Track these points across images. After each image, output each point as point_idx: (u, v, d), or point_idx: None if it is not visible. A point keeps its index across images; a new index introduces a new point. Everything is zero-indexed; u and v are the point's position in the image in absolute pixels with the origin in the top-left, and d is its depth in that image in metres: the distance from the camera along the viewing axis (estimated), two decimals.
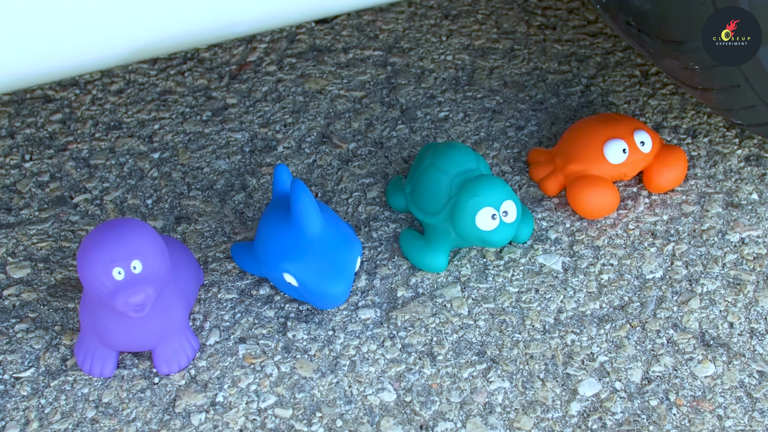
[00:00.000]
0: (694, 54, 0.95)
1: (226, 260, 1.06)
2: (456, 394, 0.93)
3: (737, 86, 0.97)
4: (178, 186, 1.16)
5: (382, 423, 0.92)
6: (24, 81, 0.75)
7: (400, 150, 1.19)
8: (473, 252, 1.06)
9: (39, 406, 0.94)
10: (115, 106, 1.28)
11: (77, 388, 0.95)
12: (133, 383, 0.95)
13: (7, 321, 1.02)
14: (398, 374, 0.95)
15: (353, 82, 1.30)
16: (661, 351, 0.96)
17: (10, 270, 1.07)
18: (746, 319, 0.99)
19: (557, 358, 0.96)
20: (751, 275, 1.03)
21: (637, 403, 0.92)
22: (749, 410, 0.91)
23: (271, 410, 0.93)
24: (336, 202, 1.13)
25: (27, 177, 1.18)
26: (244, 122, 1.24)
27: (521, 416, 0.92)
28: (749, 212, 1.09)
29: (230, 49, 1.37)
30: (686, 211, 1.10)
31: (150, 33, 0.74)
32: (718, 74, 0.97)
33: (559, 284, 1.03)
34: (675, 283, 1.02)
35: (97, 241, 0.87)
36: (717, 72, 0.97)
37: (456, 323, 1.00)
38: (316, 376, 0.95)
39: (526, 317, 1.00)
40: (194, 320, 1.01)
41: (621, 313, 1.00)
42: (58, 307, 1.03)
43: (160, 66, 1.34)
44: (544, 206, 1.11)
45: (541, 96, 1.26)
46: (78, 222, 1.12)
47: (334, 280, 0.95)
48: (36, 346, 0.99)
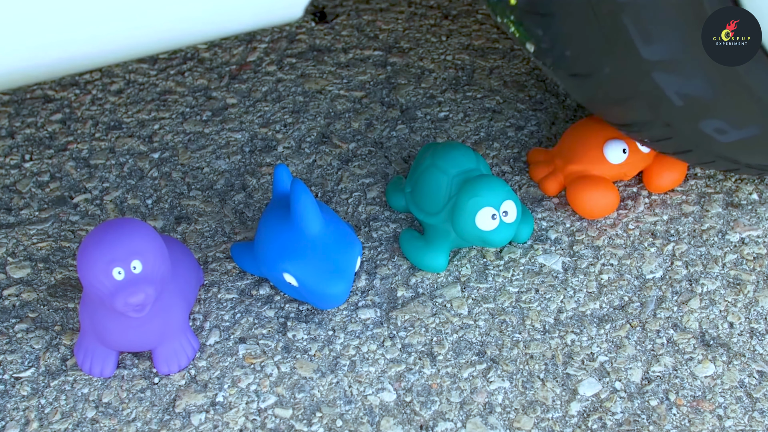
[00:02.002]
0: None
1: (226, 260, 1.06)
2: (456, 394, 0.93)
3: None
4: (178, 186, 1.16)
5: (382, 423, 0.92)
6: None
7: (400, 150, 1.19)
8: (473, 252, 1.06)
9: (39, 406, 0.94)
10: (115, 106, 1.28)
11: (77, 388, 0.95)
12: (133, 383, 0.95)
13: (7, 321, 1.02)
14: (398, 374, 0.95)
15: (353, 82, 1.30)
16: (661, 351, 0.96)
17: (10, 270, 1.07)
18: (746, 319, 0.99)
19: (557, 358, 0.96)
20: (751, 275, 1.03)
21: (637, 403, 0.92)
22: (749, 410, 0.91)
23: (271, 410, 0.93)
24: (336, 202, 1.13)
25: (27, 177, 1.18)
26: (244, 122, 1.25)
27: (521, 416, 0.92)
28: (749, 212, 1.09)
29: (230, 49, 1.37)
30: (686, 211, 1.10)
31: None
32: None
33: (559, 284, 1.03)
34: (675, 283, 1.03)
35: (97, 241, 0.87)
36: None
37: (456, 323, 1.00)
38: (316, 376, 0.95)
39: (526, 317, 1.00)
40: (194, 320, 1.01)
41: (621, 313, 1.00)
42: (58, 307, 1.03)
43: (160, 66, 1.34)
44: (544, 206, 1.11)
45: (541, 96, 1.26)
46: (78, 222, 1.12)
47: (334, 280, 0.95)
48: (36, 346, 0.99)
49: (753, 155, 1.01)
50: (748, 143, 0.98)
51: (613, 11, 0.86)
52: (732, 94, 0.93)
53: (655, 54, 0.89)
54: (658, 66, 0.90)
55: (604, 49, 0.90)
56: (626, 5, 0.86)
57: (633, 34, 0.87)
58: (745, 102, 0.94)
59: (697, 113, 0.94)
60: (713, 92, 0.92)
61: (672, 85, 0.91)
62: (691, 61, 0.90)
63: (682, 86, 0.91)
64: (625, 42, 0.88)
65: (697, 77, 0.91)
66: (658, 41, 0.88)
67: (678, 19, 0.87)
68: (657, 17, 0.87)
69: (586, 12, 0.88)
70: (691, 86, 0.91)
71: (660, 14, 0.87)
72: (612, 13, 0.87)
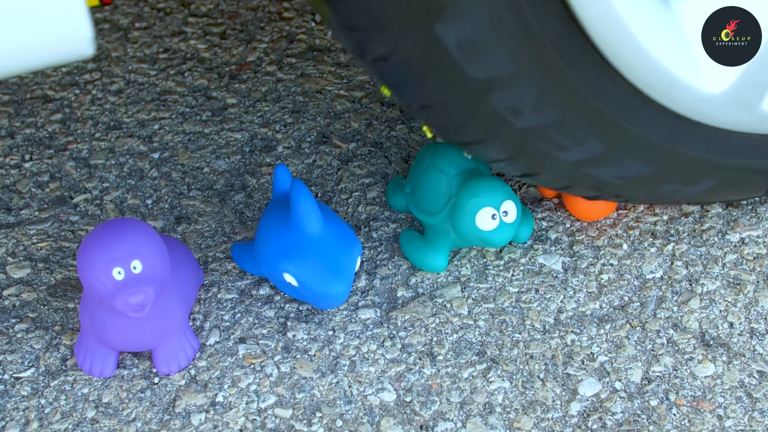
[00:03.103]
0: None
1: (226, 260, 1.06)
2: (456, 394, 0.93)
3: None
4: (178, 186, 1.16)
5: (382, 423, 0.92)
6: None
7: (400, 150, 1.19)
8: (473, 252, 1.06)
9: (39, 406, 0.94)
10: (115, 106, 1.28)
11: (77, 388, 0.95)
12: (133, 383, 0.95)
13: (7, 321, 1.02)
14: (398, 374, 0.95)
15: (353, 82, 1.30)
16: (661, 351, 0.96)
17: (10, 270, 1.07)
18: (746, 319, 0.99)
19: (557, 358, 0.96)
20: (751, 275, 1.03)
21: (637, 403, 0.92)
22: (749, 410, 0.91)
23: (271, 410, 0.93)
24: (336, 202, 1.13)
25: (27, 177, 1.18)
26: (244, 122, 1.25)
27: (521, 416, 0.92)
28: (749, 212, 1.09)
29: (230, 49, 1.37)
30: (686, 211, 1.10)
31: None
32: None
33: (559, 284, 1.03)
34: (675, 283, 1.03)
35: (97, 241, 0.87)
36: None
37: (456, 323, 1.00)
38: (316, 376, 0.95)
39: (526, 317, 1.00)
40: (194, 320, 1.01)
41: (621, 313, 1.00)
42: (58, 307, 1.03)
43: (159, 66, 1.34)
44: (544, 206, 1.11)
45: None
46: (78, 222, 1.12)
47: (334, 280, 0.95)
48: (36, 346, 0.99)
49: (603, 174, 0.95)
50: (594, 162, 0.93)
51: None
52: (573, 109, 0.88)
53: (481, 73, 0.83)
54: (494, 85, 0.85)
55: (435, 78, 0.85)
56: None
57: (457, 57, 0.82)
58: (586, 116, 0.88)
59: (540, 130, 0.89)
60: (553, 109, 0.87)
61: (504, 102, 0.86)
62: (521, 77, 0.84)
63: (514, 102, 0.86)
64: (450, 65, 0.83)
65: (528, 92, 0.86)
66: (481, 60, 0.82)
67: (500, 36, 0.81)
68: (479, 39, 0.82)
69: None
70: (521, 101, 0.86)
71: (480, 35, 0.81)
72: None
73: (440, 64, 0.83)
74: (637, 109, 0.90)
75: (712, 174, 0.98)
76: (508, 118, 0.87)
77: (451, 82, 0.84)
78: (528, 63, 0.83)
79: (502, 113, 0.86)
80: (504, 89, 0.85)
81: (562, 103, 0.87)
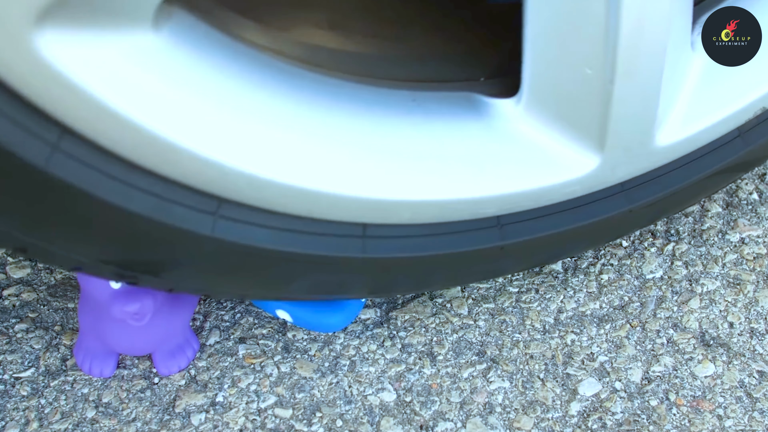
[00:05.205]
0: None
1: None
2: (456, 394, 0.93)
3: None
4: None
5: (382, 423, 0.92)
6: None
7: None
8: None
9: (39, 406, 0.94)
10: None
11: (77, 388, 0.95)
12: (133, 383, 0.95)
13: (7, 321, 1.02)
14: (398, 374, 0.95)
15: None
16: (661, 351, 0.96)
17: (10, 270, 1.07)
18: (746, 319, 0.99)
19: (557, 358, 0.96)
20: (751, 275, 1.03)
21: (637, 403, 0.92)
22: (749, 410, 0.91)
23: (271, 410, 0.93)
24: None
25: None
26: None
27: (521, 416, 0.92)
28: (749, 212, 1.09)
29: None
30: (686, 211, 1.10)
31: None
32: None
33: (559, 284, 1.03)
34: (675, 283, 1.03)
35: None
36: None
37: (456, 323, 1.00)
38: (316, 376, 0.95)
39: (526, 317, 1.00)
40: (194, 320, 1.01)
41: (621, 313, 1.00)
42: (58, 307, 1.03)
43: None
44: None
45: None
46: None
47: (330, 312, 0.95)
48: (36, 346, 0.99)
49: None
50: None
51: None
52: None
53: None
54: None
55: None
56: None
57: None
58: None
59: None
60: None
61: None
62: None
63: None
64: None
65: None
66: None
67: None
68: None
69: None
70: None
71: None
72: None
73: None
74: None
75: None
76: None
77: None
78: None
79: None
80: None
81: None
